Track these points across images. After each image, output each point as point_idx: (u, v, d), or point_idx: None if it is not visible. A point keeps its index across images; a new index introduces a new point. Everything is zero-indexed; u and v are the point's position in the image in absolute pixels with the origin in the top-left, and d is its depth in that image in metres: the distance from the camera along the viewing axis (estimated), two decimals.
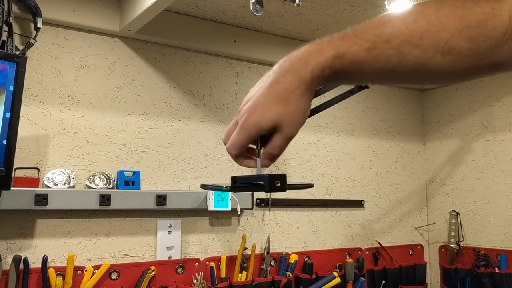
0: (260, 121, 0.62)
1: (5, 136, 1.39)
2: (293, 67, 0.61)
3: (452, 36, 0.56)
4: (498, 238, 2.40)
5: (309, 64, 0.60)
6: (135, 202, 1.80)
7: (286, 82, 0.61)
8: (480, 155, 2.52)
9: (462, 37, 0.56)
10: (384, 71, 0.60)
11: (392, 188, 2.64)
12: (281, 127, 0.61)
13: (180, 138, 2.00)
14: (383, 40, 0.58)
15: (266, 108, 0.61)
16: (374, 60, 0.59)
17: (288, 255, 2.14)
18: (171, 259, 1.89)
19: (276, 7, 1.92)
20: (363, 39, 0.59)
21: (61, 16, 1.76)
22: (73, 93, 1.79)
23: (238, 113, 0.66)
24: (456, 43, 0.56)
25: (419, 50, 0.57)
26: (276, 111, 0.61)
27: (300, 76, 0.60)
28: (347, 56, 0.59)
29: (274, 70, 0.63)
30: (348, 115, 2.51)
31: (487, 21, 0.56)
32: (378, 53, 0.58)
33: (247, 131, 0.63)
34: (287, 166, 2.26)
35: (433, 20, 0.57)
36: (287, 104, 0.61)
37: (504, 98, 2.44)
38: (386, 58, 0.58)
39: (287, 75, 0.61)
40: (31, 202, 1.60)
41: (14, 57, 1.44)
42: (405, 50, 0.58)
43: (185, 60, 2.05)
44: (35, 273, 1.62)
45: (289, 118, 0.61)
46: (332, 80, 0.63)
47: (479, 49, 0.57)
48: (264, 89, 0.63)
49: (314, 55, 0.60)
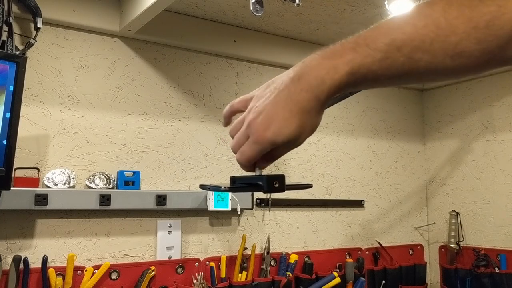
0: (276, 138, 0.62)
1: (5, 136, 1.39)
2: (309, 85, 0.61)
3: (461, 39, 0.56)
4: (498, 238, 2.40)
5: (325, 83, 0.60)
6: (135, 202, 1.80)
7: (303, 101, 0.61)
8: (480, 155, 2.52)
9: (471, 40, 0.56)
10: (395, 77, 0.60)
11: (392, 188, 2.64)
12: (291, 142, 0.63)
13: (180, 138, 2.00)
14: (395, 48, 0.58)
15: (283, 126, 0.61)
16: (387, 70, 0.59)
17: (288, 255, 2.14)
18: (171, 259, 1.89)
19: (276, 7, 1.92)
20: (375, 49, 0.58)
21: (61, 16, 1.76)
22: (73, 93, 1.79)
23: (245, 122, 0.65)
24: (465, 46, 0.56)
25: (430, 56, 0.57)
26: (292, 129, 0.62)
27: (316, 95, 0.60)
28: (361, 71, 0.59)
29: (286, 82, 0.62)
30: (348, 115, 2.51)
31: (494, 20, 0.55)
32: (391, 62, 0.58)
33: (261, 146, 0.63)
34: (287, 166, 2.26)
35: (442, 23, 0.56)
36: (304, 122, 0.62)
37: (504, 98, 2.44)
38: (398, 65, 0.58)
39: (303, 93, 0.61)
40: (31, 202, 1.60)
41: (14, 57, 1.44)
42: (416, 57, 0.57)
43: (185, 60, 2.05)
44: (35, 273, 1.62)
45: (303, 135, 0.63)
46: (342, 91, 0.64)
47: (487, 49, 0.56)
48: (278, 103, 0.62)
49: (329, 72, 0.60)
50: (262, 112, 0.63)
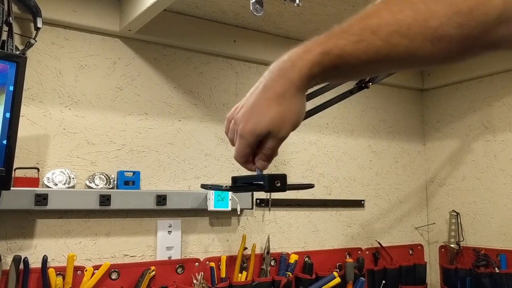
0: (256, 128, 0.63)
1: (5, 136, 1.39)
2: (282, 71, 0.62)
3: (441, 24, 0.55)
4: (498, 238, 2.40)
5: (297, 65, 0.60)
6: (135, 202, 1.80)
7: (276, 87, 0.62)
8: (480, 155, 2.52)
9: (452, 24, 0.54)
10: (375, 62, 0.59)
11: (392, 188, 2.64)
12: (275, 131, 0.63)
13: (180, 138, 2.00)
14: (370, 32, 0.57)
15: (260, 115, 0.63)
16: (363, 53, 0.58)
17: (288, 255, 2.14)
18: (171, 259, 1.89)
19: (276, 7, 1.92)
20: (349, 33, 0.59)
21: (61, 16, 1.76)
22: (73, 93, 1.79)
23: (233, 120, 0.67)
24: (445, 30, 0.55)
25: (408, 40, 0.56)
26: (269, 116, 0.62)
27: (289, 78, 0.61)
28: (334, 51, 0.59)
29: (265, 75, 0.64)
30: (348, 115, 2.51)
31: (478, 6, 0.53)
32: (366, 45, 0.58)
33: (246, 139, 0.64)
34: (287, 166, 2.26)
35: (421, 8, 0.56)
36: (280, 108, 0.62)
37: (504, 98, 2.44)
38: (375, 49, 0.58)
39: (277, 79, 0.62)
40: (31, 202, 1.59)
41: (14, 57, 1.44)
42: (394, 41, 0.57)
43: (185, 60, 2.05)
44: (35, 273, 1.62)
45: (282, 121, 0.62)
46: (324, 77, 0.63)
47: (470, 35, 0.55)
48: (257, 95, 0.64)
49: (301, 56, 0.61)
50: (244, 107, 0.65)
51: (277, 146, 0.65)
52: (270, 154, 0.65)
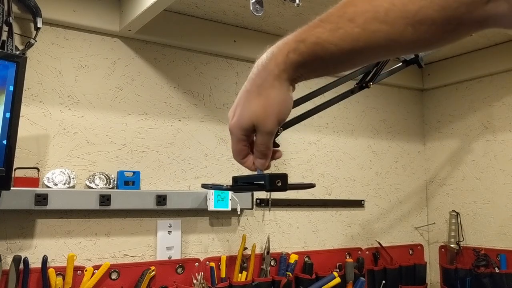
0: (240, 122, 0.63)
1: (5, 136, 1.39)
2: (262, 64, 0.63)
3: (420, 7, 0.53)
4: (498, 238, 2.40)
5: (273, 54, 0.61)
6: (135, 202, 1.80)
7: (257, 79, 0.62)
8: (480, 155, 2.52)
9: (433, 7, 0.53)
10: (357, 51, 0.58)
11: (392, 188, 2.64)
12: (258, 123, 0.62)
13: (180, 138, 2.00)
14: (346, 19, 0.57)
15: (243, 108, 0.63)
16: (341, 40, 0.57)
17: (288, 255, 2.14)
18: (171, 259, 1.89)
19: (276, 7, 1.92)
20: (326, 21, 0.58)
21: (61, 16, 1.76)
22: (73, 93, 1.79)
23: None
24: (426, 13, 0.53)
25: (388, 26, 0.55)
26: (250, 109, 0.62)
27: (268, 68, 0.62)
28: (310, 39, 0.59)
29: (252, 70, 0.65)
30: (348, 115, 2.51)
31: None
32: (343, 33, 0.57)
33: (234, 135, 0.65)
34: (287, 166, 2.26)
35: None
36: (259, 99, 0.62)
37: (504, 98, 2.44)
38: (353, 37, 0.57)
39: (258, 72, 0.63)
40: (31, 202, 1.59)
41: (14, 57, 1.44)
42: (373, 27, 0.56)
43: (185, 60, 2.05)
44: (35, 273, 1.62)
45: (264, 113, 0.62)
46: (308, 67, 0.61)
47: (453, 16, 0.53)
48: (241, 91, 0.65)
49: (279, 46, 0.62)
50: (233, 105, 0.66)
51: (268, 141, 0.64)
52: (263, 150, 0.64)
